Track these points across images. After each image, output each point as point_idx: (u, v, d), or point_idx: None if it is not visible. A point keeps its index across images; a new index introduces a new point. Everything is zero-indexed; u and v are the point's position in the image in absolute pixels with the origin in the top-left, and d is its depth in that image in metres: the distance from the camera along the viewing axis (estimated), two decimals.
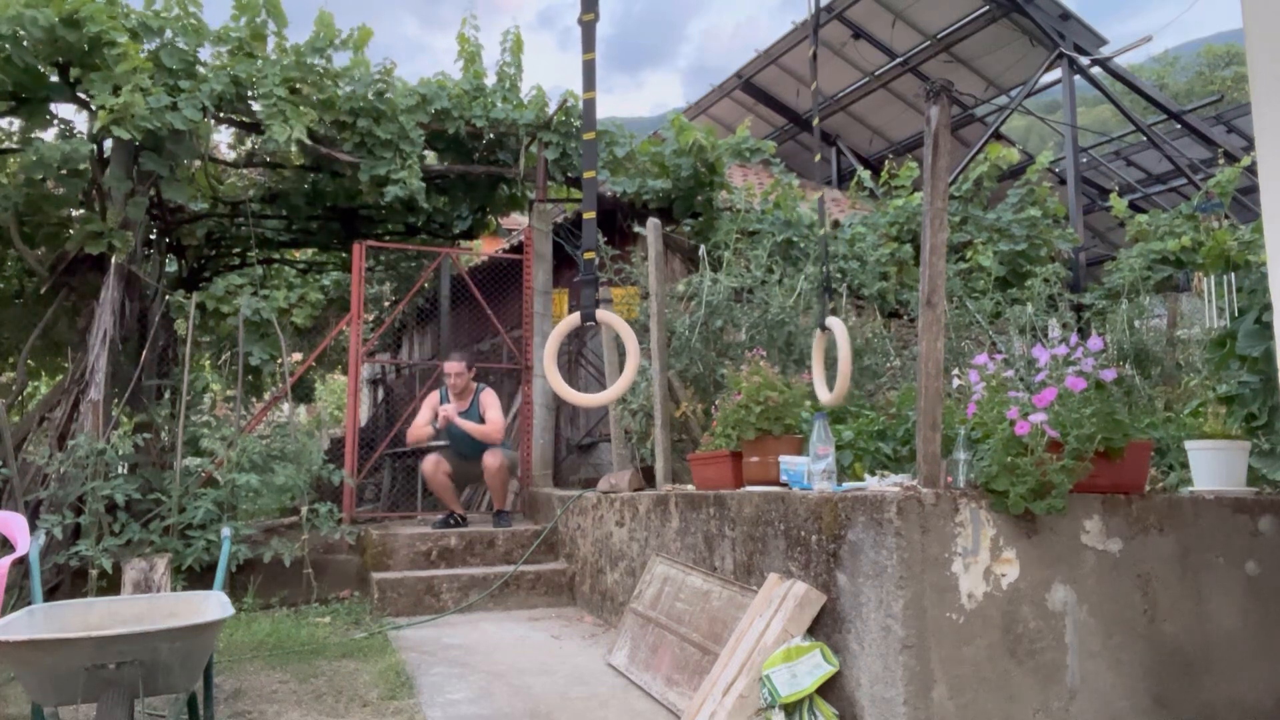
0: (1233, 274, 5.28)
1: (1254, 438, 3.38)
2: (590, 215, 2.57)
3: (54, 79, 5.73)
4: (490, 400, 6.24)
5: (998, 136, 10.54)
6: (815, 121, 4.04)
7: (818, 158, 3.94)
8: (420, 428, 6.18)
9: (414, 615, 5.15)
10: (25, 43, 5.33)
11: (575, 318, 2.53)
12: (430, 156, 7.14)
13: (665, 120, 8.01)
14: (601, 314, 2.55)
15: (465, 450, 6.14)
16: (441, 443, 6.17)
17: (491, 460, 5.95)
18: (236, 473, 5.31)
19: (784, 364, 5.31)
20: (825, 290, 3.74)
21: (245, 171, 7.74)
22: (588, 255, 2.51)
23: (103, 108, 5.32)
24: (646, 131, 8.81)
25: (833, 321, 3.53)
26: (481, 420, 6.16)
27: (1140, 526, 2.97)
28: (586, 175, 2.57)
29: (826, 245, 3.97)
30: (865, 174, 9.81)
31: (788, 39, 11.70)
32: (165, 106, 5.56)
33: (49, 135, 6.14)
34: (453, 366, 6.19)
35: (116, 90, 5.41)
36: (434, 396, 6.34)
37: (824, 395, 3.63)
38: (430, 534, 5.73)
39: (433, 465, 6.04)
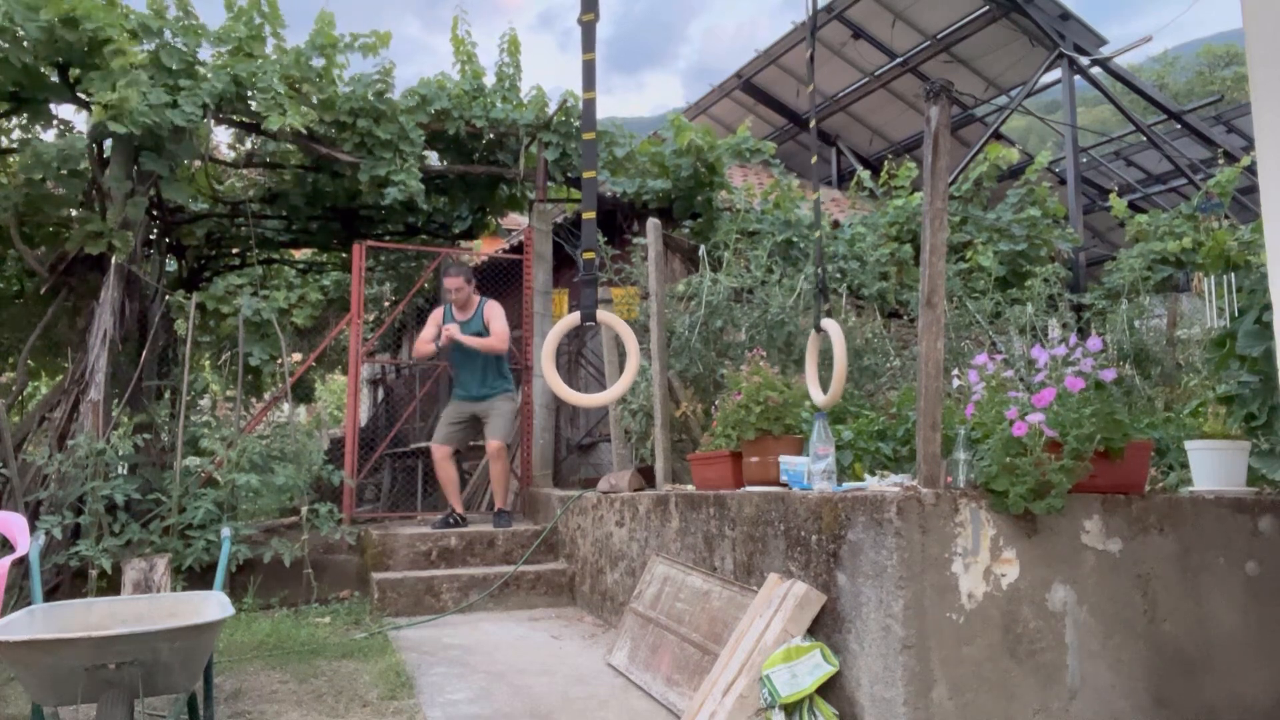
0: (1233, 274, 5.28)
1: (1254, 438, 3.38)
2: (590, 215, 2.56)
3: (54, 79, 5.73)
4: (495, 312, 6.19)
5: (998, 136, 10.53)
6: (812, 124, 4.05)
7: (815, 159, 3.93)
8: (424, 343, 6.18)
9: (414, 615, 5.15)
10: (25, 43, 5.33)
11: (574, 317, 2.52)
12: (430, 156, 7.15)
13: (665, 120, 8.01)
14: (601, 314, 2.55)
15: (472, 387, 6.13)
16: (449, 445, 6.16)
17: (494, 443, 6.04)
18: (236, 473, 5.31)
19: (784, 364, 5.31)
20: (821, 292, 3.73)
21: (245, 171, 7.73)
22: (587, 255, 2.51)
23: (99, 104, 5.31)
24: (646, 132, 8.80)
25: (828, 323, 3.53)
26: (488, 330, 6.14)
27: (1140, 526, 2.97)
28: (586, 175, 2.56)
29: (821, 247, 3.97)
30: (865, 174, 9.81)
31: (787, 39, 11.70)
32: (165, 104, 5.56)
33: (49, 135, 6.14)
34: (452, 281, 6.13)
35: (115, 87, 5.41)
36: (438, 312, 6.31)
37: (818, 397, 3.62)
38: (430, 534, 5.73)
39: (442, 454, 6.09)
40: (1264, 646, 3.10)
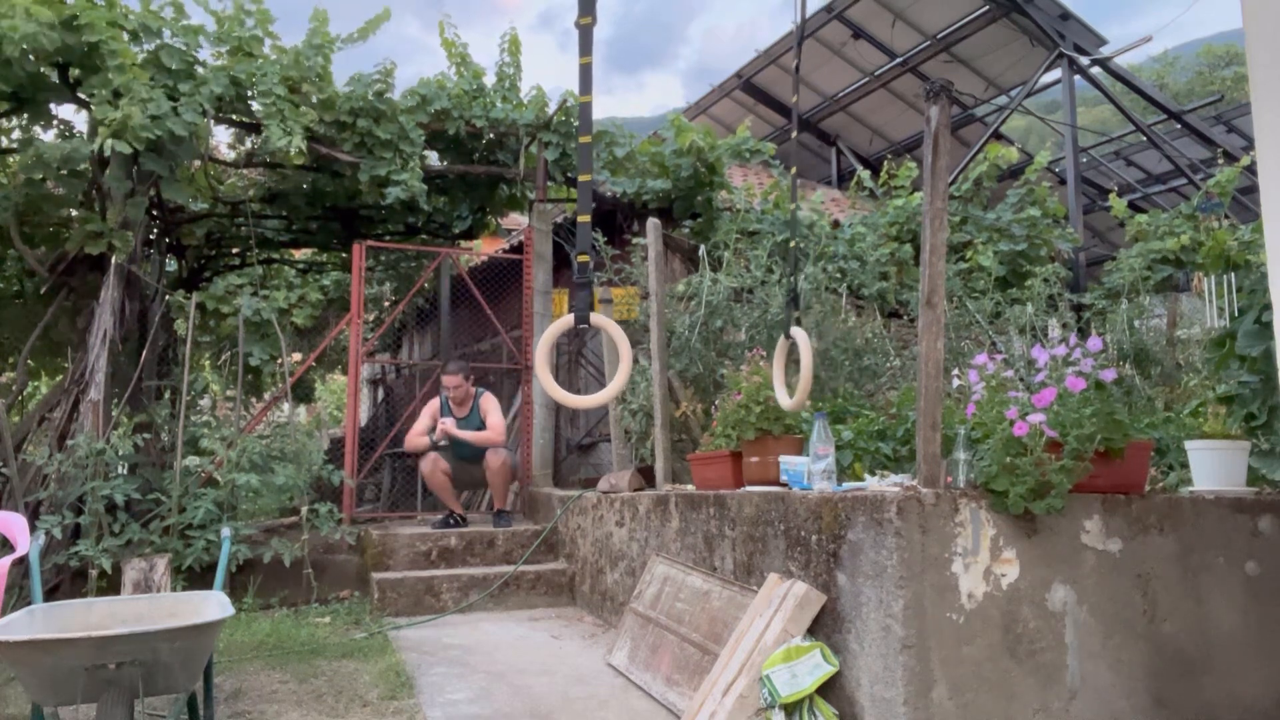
0: (1233, 274, 5.28)
1: (1254, 438, 3.38)
2: (585, 219, 2.57)
3: (54, 79, 5.73)
4: (490, 405, 6.26)
5: (998, 136, 10.53)
6: (794, 134, 4.07)
7: (793, 170, 3.95)
8: (418, 436, 6.18)
9: (414, 615, 5.15)
10: (25, 44, 5.33)
11: (568, 320, 2.52)
12: (430, 156, 7.15)
13: (665, 120, 8.01)
14: (595, 317, 2.55)
15: (466, 454, 6.15)
16: (442, 442, 6.17)
17: (494, 459, 5.97)
18: (236, 473, 5.31)
19: (784, 364, 5.31)
20: (791, 300, 3.75)
21: (245, 171, 7.73)
22: (581, 258, 2.51)
23: (102, 123, 5.32)
24: (646, 132, 8.80)
25: (797, 332, 3.55)
26: (482, 425, 6.17)
27: (1140, 526, 2.97)
28: (581, 178, 2.56)
29: (796, 258, 3.97)
30: (865, 174, 9.81)
31: (787, 39, 11.69)
32: (165, 113, 5.56)
33: (49, 135, 6.14)
34: (450, 380, 6.20)
35: (116, 96, 5.41)
36: (434, 404, 6.33)
37: (784, 401, 3.63)
38: (430, 534, 5.73)
39: (430, 464, 6.03)
40: (1264, 646, 3.10)
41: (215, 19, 6.10)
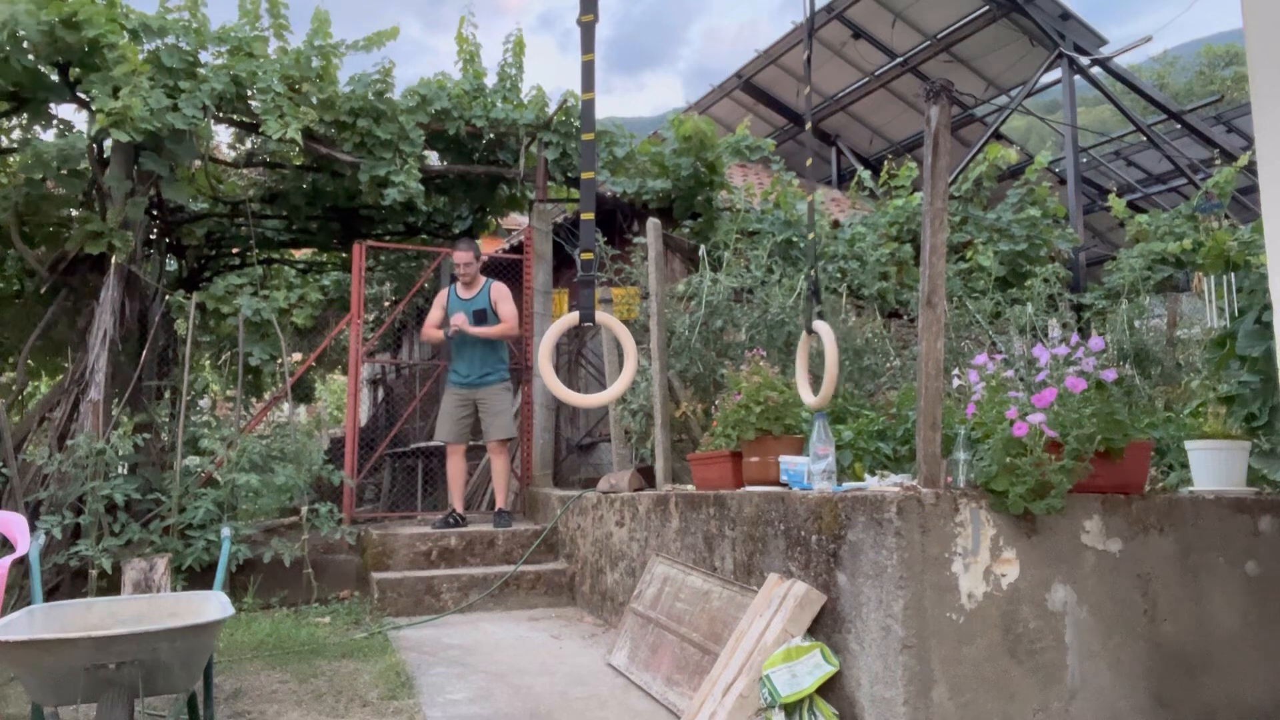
0: (1233, 274, 5.28)
1: (1254, 438, 3.38)
2: (588, 216, 2.56)
3: (54, 79, 5.73)
4: (502, 293, 6.25)
5: (998, 136, 10.53)
6: (808, 125, 4.05)
7: (810, 162, 3.93)
8: (433, 328, 6.28)
9: (414, 615, 5.15)
10: (25, 43, 5.33)
11: (573, 317, 2.52)
12: (430, 156, 7.15)
13: (665, 121, 8.01)
14: (599, 315, 2.54)
15: (467, 369, 6.16)
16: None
17: (495, 442, 6.13)
18: (236, 473, 5.31)
19: (784, 364, 5.30)
20: (813, 294, 3.72)
21: (245, 171, 7.74)
22: (585, 256, 2.51)
23: (101, 111, 5.32)
24: (646, 132, 8.80)
25: (820, 325, 3.51)
26: (494, 312, 6.19)
27: (1140, 526, 2.97)
28: (584, 176, 2.56)
29: (815, 249, 3.96)
30: (865, 174, 9.81)
31: (788, 39, 11.69)
32: (165, 107, 5.56)
33: (49, 135, 6.14)
34: (462, 256, 6.22)
35: (116, 91, 5.41)
36: (442, 294, 6.37)
37: (809, 398, 3.61)
38: (430, 534, 5.73)
39: (457, 449, 6.16)
40: (1264, 646, 3.10)
41: (241, 10, 6.12)
